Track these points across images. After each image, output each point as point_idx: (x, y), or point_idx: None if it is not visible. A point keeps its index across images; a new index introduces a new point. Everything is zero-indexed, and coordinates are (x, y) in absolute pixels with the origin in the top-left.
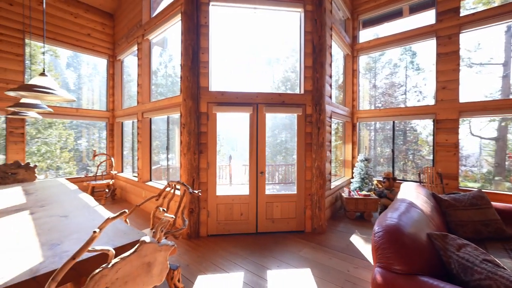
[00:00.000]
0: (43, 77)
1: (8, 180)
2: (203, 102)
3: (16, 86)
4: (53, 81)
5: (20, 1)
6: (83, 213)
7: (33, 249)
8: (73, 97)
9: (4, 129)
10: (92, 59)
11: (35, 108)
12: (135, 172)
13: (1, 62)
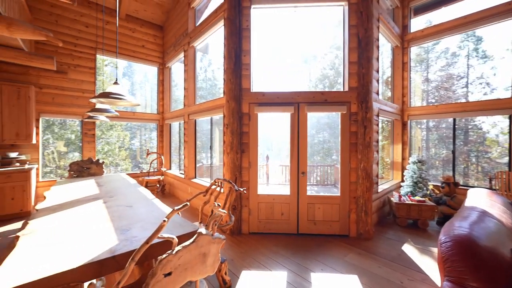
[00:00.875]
0: (116, 85)
1: (84, 173)
2: (245, 103)
3: (89, 95)
4: (123, 89)
5: (93, 23)
6: (143, 205)
7: (109, 232)
8: (138, 101)
9: (79, 132)
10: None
11: (106, 112)
12: (181, 169)
13: (79, 75)
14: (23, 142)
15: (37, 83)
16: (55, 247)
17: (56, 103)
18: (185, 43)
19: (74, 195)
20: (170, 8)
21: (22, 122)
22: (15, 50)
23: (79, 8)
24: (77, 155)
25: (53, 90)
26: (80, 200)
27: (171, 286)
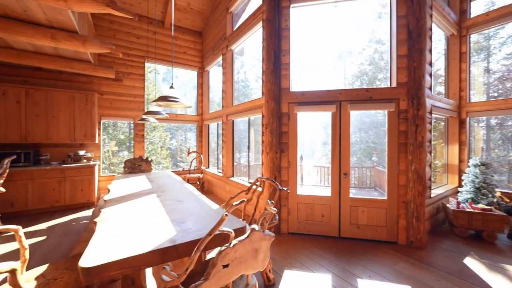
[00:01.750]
0: (172, 89)
1: (136, 170)
2: (284, 103)
3: (140, 99)
4: (178, 92)
5: (143, 34)
6: (191, 200)
7: (166, 223)
8: (190, 104)
9: (128, 132)
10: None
11: (158, 115)
12: (219, 168)
13: (131, 81)
14: (88, 141)
15: (99, 90)
16: (125, 234)
17: (114, 107)
18: (224, 47)
19: (131, 189)
20: (209, 15)
21: (88, 124)
22: (85, 62)
23: (132, 22)
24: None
25: (111, 96)
26: (138, 194)
27: (227, 277)
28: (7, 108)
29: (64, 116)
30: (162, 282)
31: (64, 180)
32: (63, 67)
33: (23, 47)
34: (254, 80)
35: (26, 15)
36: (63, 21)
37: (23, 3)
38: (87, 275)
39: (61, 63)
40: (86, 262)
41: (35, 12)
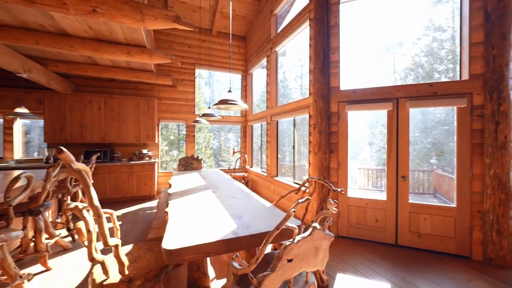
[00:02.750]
0: (230, 93)
1: (188, 167)
2: (334, 102)
3: (191, 103)
4: (235, 96)
5: (194, 43)
6: (244, 196)
7: (226, 217)
8: (247, 106)
9: (177, 133)
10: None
11: (212, 117)
12: (263, 168)
13: (184, 87)
14: (150, 141)
15: (158, 96)
16: (193, 223)
17: (170, 110)
18: (268, 49)
19: (189, 184)
20: (252, 19)
21: (150, 126)
22: (149, 72)
23: (184, 33)
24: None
25: (168, 101)
26: (195, 189)
27: (291, 271)
28: (92, 114)
29: (131, 119)
30: (233, 269)
31: (132, 175)
32: (132, 77)
33: (104, 63)
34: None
35: (111, 36)
36: (137, 38)
37: (110, 27)
38: (169, 255)
39: (131, 74)
40: (168, 245)
41: (117, 33)
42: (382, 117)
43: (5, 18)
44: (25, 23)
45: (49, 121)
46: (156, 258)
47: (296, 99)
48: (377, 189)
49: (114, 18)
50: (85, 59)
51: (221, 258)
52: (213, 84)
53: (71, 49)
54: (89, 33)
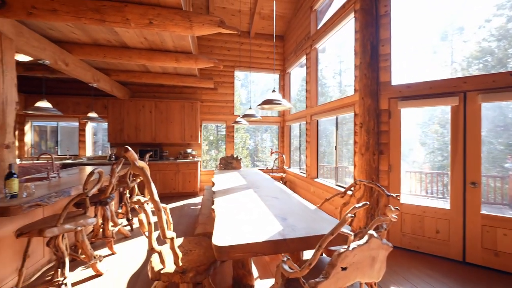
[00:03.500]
0: (274, 93)
1: (228, 167)
2: (384, 99)
3: (230, 104)
4: (280, 95)
5: (233, 46)
6: (285, 197)
7: (271, 218)
8: (291, 105)
9: (216, 134)
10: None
11: (253, 117)
12: (301, 168)
13: (224, 89)
14: (193, 142)
15: (200, 98)
16: (239, 222)
17: (211, 112)
18: (307, 46)
19: (230, 183)
20: (290, 18)
21: (193, 127)
22: (193, 77)
23: (224, 37)
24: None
25: (209, 103)
26: (237, 188)
27: (345, 280)
28: (144, 117)
29: (177, 121)
30: (284, 271)
31: (178, 172)
32: (179, 82)
33: (156, 70)
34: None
35: (162, 45)
36: (184, 45)
37: (162, 36)
38: (219, 252)
39: (178, 79)
40: (218, 242)
41: (168, 42)
42: (439, 114)
43: (82, 37)
44: (96, 40)
45: (112, 124)
46: (205, 252)
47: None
48: (433, 195)
49: (167, 28)
50: (140, 67)
51: (263, 259)
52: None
53: (129, 59)
54: (145, 44)
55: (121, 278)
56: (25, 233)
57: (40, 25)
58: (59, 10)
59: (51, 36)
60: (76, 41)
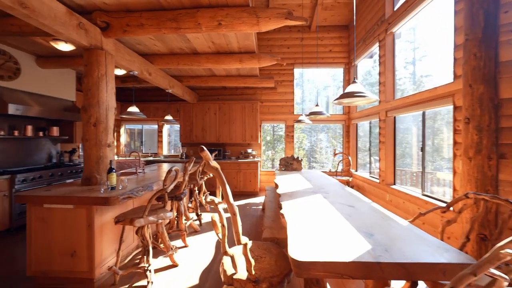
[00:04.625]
0: (355, 84)
1: (289, 168)
2: (505, 84)
3: (290, 103)
4: (362, 86)
5: (292, 43)
6: (363, 206)
7: (352, 232)
8: (376, 97)
9: (272, 134)
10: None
11: (321, 115)
12: (371, 172)
13: (283, 88)
14: (253, 142)
15: (260, 99)
16: (315, 233)
17: (270, 112)
18: (381, 32)
19: (295, 185)
20: (357, 3)
21: (254, 127)
22: (254, 77)
23: (283, 34)
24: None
25: (268, 103)
26: (303, 191)
27: None
28: (210, 118)
29: (238, 122)
30: None
31: (239, 172)
32: (241, 83)
33: (220, 73)
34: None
35: (227, 47)
36: (248, 45)
37: (227, 38)
38: (298, 267)
39: (240, 81)
40: (296, 255)
41: (233, 43)
42: None
43: (161, 48)
44: (171, 49)
45: (183, 125)
46: (276, 261)
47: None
48: None
49: (234, 27)
50: (206, 72)
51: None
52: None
53: (199, 65)
54: (212, 48)
55: (193, 272)
56: (121, 221)
57: (130, 41)
58: (145, 24)
59: (138, 50)
60: (156, 52)
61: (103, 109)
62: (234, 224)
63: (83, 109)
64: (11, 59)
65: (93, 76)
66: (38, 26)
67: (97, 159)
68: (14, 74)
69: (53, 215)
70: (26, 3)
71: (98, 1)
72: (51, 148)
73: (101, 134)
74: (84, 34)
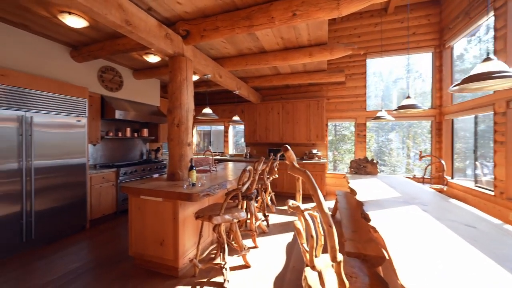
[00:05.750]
0: (490, 61)
1: (361, 171)
2: None
3: (361, 98)
4: (503, 64)
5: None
6: (492, 228)
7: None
8: None
9: (334, 134)
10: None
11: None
12: (479, 181)
13: (353, 82)
14: (319, 142)
15: (326, 95)
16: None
17: (338, 109)
18: None
19: (376, 193)
20: None
21: (319, 126)
22: (321, 72)
23: (353, 23)
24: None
25: (335, 99)
26: (391, 201)
27: None
28: (273, 118)
29: (303, 121)
30: None
31: None
32: (307, 79)
33: (285, 71)
34: None
35: (297, 42)
36: (320, 36)
37: (298, 31)
38: None
39: (306, 77)
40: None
41: (303, 36)
42: None
43: (231, 50)
44: (240, 50)
45: (247, 126)
46: (371, 285)
47: None
48: None
49: (310, 15)
50: (271, 71)
51: None
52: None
53: (266, 63)
54: (280, 44)
55: (266, 276)
56: (200, 217)
57: (204, 46)
58: (220, 26)
59: (211, 55)
60: (226, 55)
61: (184, 111)
62: (329, 237)
63: (168, 111)
64: (117, 74)
65: (176, 81)
66: (137, 39)
67: (179, 157)
68: (119, 86)
69: (146, 205)
70: (129, 20)
71: (180, 12)
72: (142, 147)
73: (183, 134)
74: (170, 44)
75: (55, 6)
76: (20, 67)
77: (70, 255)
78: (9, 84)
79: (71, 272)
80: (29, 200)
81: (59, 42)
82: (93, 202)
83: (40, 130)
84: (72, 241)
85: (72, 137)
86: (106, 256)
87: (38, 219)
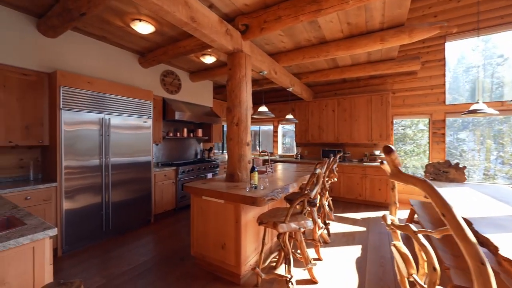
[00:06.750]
0: None
1: (441, 177)
2: None
3: (438, 90)
4: None
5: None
6: None
7: None
8: None
9: (396, 132)
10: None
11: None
12: None
13: (427, 71)
14: (383, 142)
15: (391, 89)
16: None
17: (406, 104)
18: None
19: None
20: None
21: (383, 124)
22: (389, 61)
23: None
24: None
25: (403, 93)
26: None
27: None
28: (327, 116)
29: (363, 118)
30: None
31: (364, 177)
32: (370, 71)
33: (344, 63)
34: None
35: (366, 27)
36: (398, 15)
37: (370, 12)
38: None
39: (370, 68)
40: None
41: (375, 19)
42: None
43: (288, 44)
44: (297, 43)
45: (298, 125)
46: None
47: None
48: None
49: None
50: (328, 64)
51: None
52: None
53: (327, 54)
54: (345, 32)
55: None
56: (264, 223)
57: (260, 42)
58: (282, 15)
59: (267, 50)
60: (282, 49)
61: (244, 109)
62: (481, 279)
63: (228, 110)
64: (176, 77)
65: (236, 78)
66: (200, 37)
67: (238, 157)
68: (178, 89)
69: (208, 206)
70: (194, 17)
71: (240, 5)
72: (197, 146)
73: (242, 133)
74: (230, 39)
75: (128, 15)
76: (100, 75)
77: (138, 248)
78: (94, 90)
79: (141, 265)
80: (107, 192)
81: (130, 50)
82: (156, 198)
83: (115, 131)
84: (140, 234)
85: (140, 137)
86: (169, 252)
87: (114, 211)
